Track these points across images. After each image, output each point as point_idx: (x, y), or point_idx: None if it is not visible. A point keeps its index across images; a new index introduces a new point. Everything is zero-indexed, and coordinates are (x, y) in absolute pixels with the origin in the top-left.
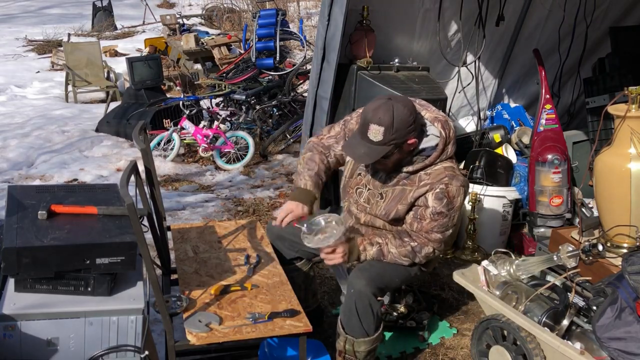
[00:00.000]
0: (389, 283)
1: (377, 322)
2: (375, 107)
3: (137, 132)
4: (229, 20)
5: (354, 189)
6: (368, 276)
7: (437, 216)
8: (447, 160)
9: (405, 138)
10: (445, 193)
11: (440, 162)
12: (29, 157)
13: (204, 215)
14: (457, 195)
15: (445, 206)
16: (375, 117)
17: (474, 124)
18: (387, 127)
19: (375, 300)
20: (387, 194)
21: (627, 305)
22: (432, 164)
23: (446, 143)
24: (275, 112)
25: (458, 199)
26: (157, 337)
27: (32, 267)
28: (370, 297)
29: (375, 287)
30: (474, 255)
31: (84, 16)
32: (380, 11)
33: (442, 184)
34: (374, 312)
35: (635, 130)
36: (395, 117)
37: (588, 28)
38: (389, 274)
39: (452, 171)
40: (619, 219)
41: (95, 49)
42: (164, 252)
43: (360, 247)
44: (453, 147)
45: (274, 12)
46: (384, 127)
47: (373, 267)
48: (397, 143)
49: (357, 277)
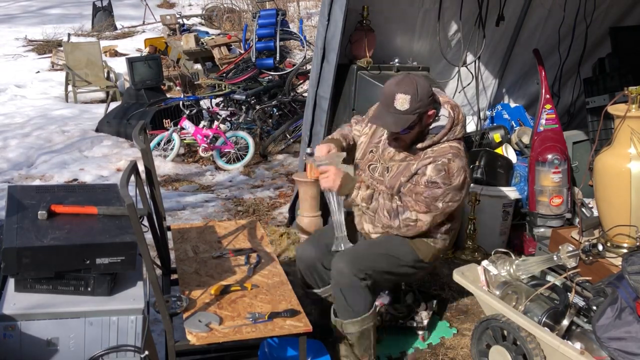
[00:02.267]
0: (373, 265)
1: (366, 302)
2: (398, 80)
3: (137, 132)
4: (229, 20)
5: (366, 166)
6: (348, 258)
7: (431, 185)
8: (454, 140)
9: (427, 108)
10: (445, 167)
11: (447, 142)
12: (29, 157)
13: (204, 215)
14: (457, 173)
15: (441, 178)
16: (401, 88)
17: (474, 124)
18: (413, 96)
19: (358, 280)
20: (392, 168)
21: (627, 305)
22: (439, 141)
23: (454, 123)
24: (275, 112)
25: (457, 179)
26: (157, 337)
27: (32, 267)
28: (351, 277)
29: (356, 268)
30: (474, 255)
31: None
32: (380, 11)
33: (445, 158)
34: (359, 292)
35: (635, 130)
36: (418, 87)
37: (588, 28)
38: (372, 257)
39: (458, 151)
40: (619, 219)
41: (95, 49)
42: (164, 252)
43: (357, 183)
44: (462, 129)
45: (274, 12)
46: (410, 95)
47: (354, 250)
48: (421, 112)
49: (338, 259)
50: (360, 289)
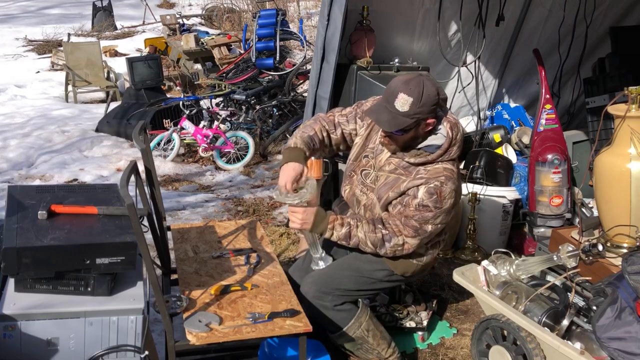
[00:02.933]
0: (338, 286)
1: (342, 315)
2: (407, 79)
3: (137, 132)
4: (229, 20)
5: (359, 171)
6: (311, 280)
7: (422, 208)
8: (449, 161)
9: (427, 116)
10: (437, 190)
11: (442, 162)
12: (29, 157)
13: (204, 215)
14: (448, 197)
15: (433, 202)
16: (406, 88)
17: (474, 124)
18: (416, 100)
19: (321, 302)
20: (381, 177)
21: (627, 305)
22: (433, 161)
23: (451, 144)
24: (275, 112)
25: (448, 201)
26: (157, 337)
27: (32, 267)
28: (315, 300)
29: (319, 290)
30: (474, 255)
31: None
32: (380, 11)
33: (438, 182)
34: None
35: (635, 130)
36: (424, 92)
37: (588, 28)
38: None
39: (451, 173)
40: (619, 219)
41: (95, 49)
42: (164, 252)
43: (329, 224)
44: (458, 149)
45: (274, 12)
46: (413, 98)
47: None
48: (419, 119)
49: (303, 284)
50: (328, 309)
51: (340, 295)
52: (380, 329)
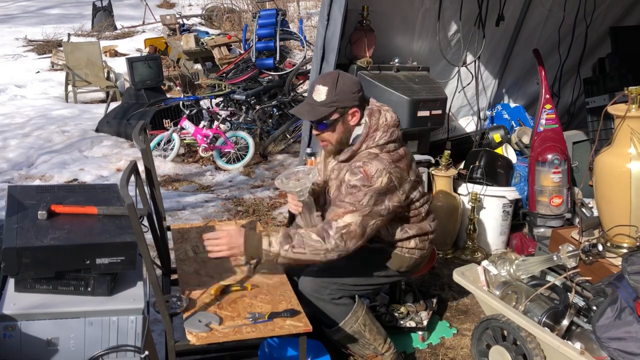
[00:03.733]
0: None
1: (339, 310)
2: (323, 74)
3: (137, 132)
4: (229, 20)
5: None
6: (311, 275)
7: (351, 188)
8: (375, 147)
9: (347, 104)
10: (360, 169)
11: (367, 149)
12: (29, 157)
13: (204, 215)
14: (376, 175)
15: (359, 180)
16: (322, 79)
17: (474, 124)
18: (331, 88)
19: (320, 295)
20: (331, 187)
21: (627, 305)
22: (358, 150)
23: (371, 130)
24: (275, 112)
25: (378, 180)
26: (157, 337)
27: (32, 267)
28: (313, 294)
29: (318, 285)
30: (474, 255)
31: (84, 16)
32: (380, 11)
33: (360, 162)
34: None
35: (635, 130)
36: (339, 81)
37: (588, 28)
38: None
39: (375, 155)
40: (619, 219)
41: (95, 49)
42: (164, 252)
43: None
44: (384, 134)
45: (274, 12)
46: (328, 87)
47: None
48: (338, 107)
49: (302, 277)
50: (326, 302)
51: (338, 289)
52: (377, 324)
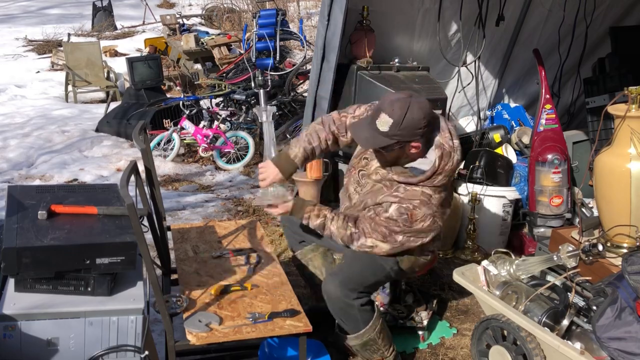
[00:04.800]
0: (362, 281)
1: (363, 318)
2: (395, 98)
3: (137, 132)
4: (229, 20)
5: (357, 170)
6: (338, 281)
7: (390, 222)
8: (430, 187)
9: (410, 139)
10: (409, 212)
11: (422, 187)
12: (29, 157)
13: (204, 215)
14: (420, 220)
15: (402, 221)
16: (389, 108)
17: (474, 124)
18: (396, 122)
19: (349, 301)
20: (367, 185)
21: (627, 305)
22: (415, 183)
23: (435, 172)
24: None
25: (420, 224)
26: (157, 337)
27: (32, 267)
28: (342, 301)
29: (347, 289)
30: (474, 255)
31: (84, 16)
32: (380, 11)
33: (411, 204)
34: (355, 312)
35: (635, 130)
36: (407, 115)
37: (588, 28)
38: (359, 273)
39: (428, 199)
40: (619, 219)
41: (95, 49)
42: (164, 252)
43: (305, 213)
44: (444, 179)
45: (274, 12)
46: (393, 120)
47: (342, 271)
48: (400, 141)
49: (328, 282)
50: (355, 309)
51: (363, 292)
52: (387, 330)
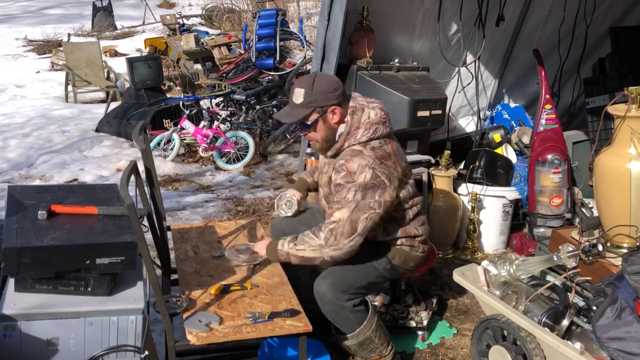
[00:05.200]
0: (354, 283)
1: (357, 318)
2: (301, 77)
3: (137, 132)
4: (229, 20)
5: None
6: (329, 283)
7: (337, 187)
8: (357, 144)
9: (326, 104)
10: (343, 167)
11: (350, 147)
12: (29, 157)
13: (204, 215)
14: (358, 171)
15: (343, 178)
16: (299, 83)
17: (474, 124)
18: (307, 90)
19: (342, 303)
20: (323, 183)
21: (627, 305)
22: (341, 147)
23: (352, 127)
24: (275, 112)
25: (360, 176)
26: (157, 337)
27: (32, 267)
28: (334, 303)
29: (338, 291)
30: (474, 255)
31: (84, 16)
32: (380, 11)
33: (342, 160)
34: (346, 313)
35: (635, 130)
36: (315, 82)
37: (588, 28)
38: (351, 275)
39: (358, 152)
40: (619, 219)
41: (95, 49)
42: (164, 252)
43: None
44: (366, 131)
45: (274, 12)
46: (304, 89)
47: (333, 273)
48: (317, 107)
49: (319, 284)
50: (347, 310)
51: (355, 294)
52: (384, 329)
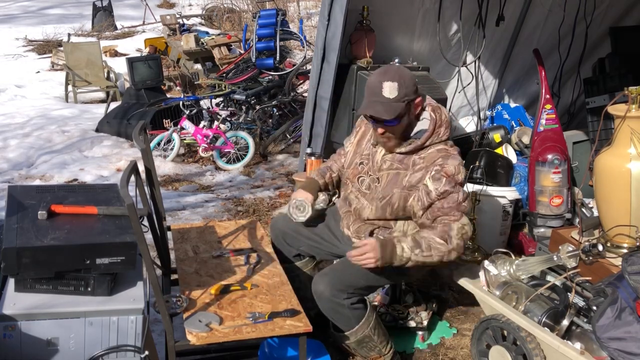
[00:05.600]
0: (353, 283)
1: (355, 315)
2: (382, 71)
3: (137, 132)
4: (229, 20)
5: (355, 178)
6: (327, 281)
7: (444, 194)
8: (439, 143)
9: (414, 96)
10: (442, 173)
11: (433, 145)
12: (29, 157)
13: (204, 215)
14: (456, 172)
15: (446, 184)
16: (387, 76)
17: (474, 124)
18: (400, 82)
19: (339, 301)
20: (382, 178)
21: (627, 305)
22: (423, 145)
23: (436, 125)
24: (275, 112)
25: (459, 176)
26: (157, 337)
27: (32, 267)
28: (331, 301)
29: (336, 289)
30: (474, 255)
31: (84, 16)
32: (380, 11)
33: (437, 166)
34: (344, 311)
35: (635, 130)
36: (402, 73)
37: (588, 28)
38: (351, 275)
39: (446, 152)
40: (619, 219)
41: (95, 49)
42: (164, 252)
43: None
44: (447, 130)
45: (274, 12)
46: (397, 82)
47: (332, 271)
48: (408, 100)
49: (317, 282)
50: (345, 308)
51: (353, 293)
52: (383, 327)
